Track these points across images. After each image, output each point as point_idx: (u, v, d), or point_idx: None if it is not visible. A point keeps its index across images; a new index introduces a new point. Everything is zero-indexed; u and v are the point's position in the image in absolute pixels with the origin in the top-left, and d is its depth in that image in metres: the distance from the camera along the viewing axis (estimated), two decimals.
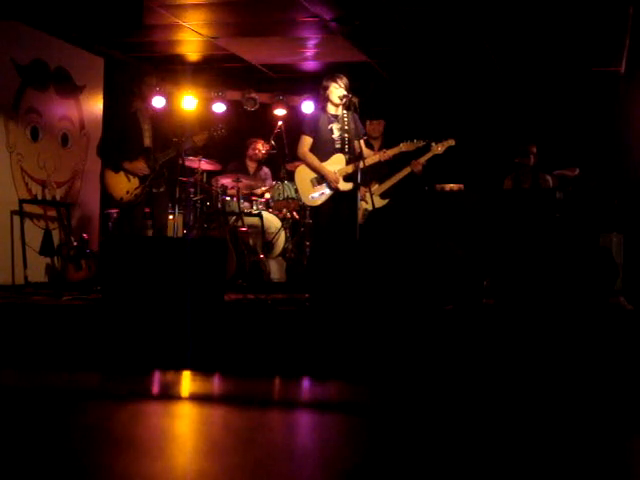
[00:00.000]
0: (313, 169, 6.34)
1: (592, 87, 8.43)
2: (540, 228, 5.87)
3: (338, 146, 6.36)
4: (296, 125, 7.53)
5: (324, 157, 6.34)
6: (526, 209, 6.10)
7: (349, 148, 6.34)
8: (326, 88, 6.31)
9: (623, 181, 7.49)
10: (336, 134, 6.36)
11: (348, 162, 6.32)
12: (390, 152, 6.50)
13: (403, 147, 6.50)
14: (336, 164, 6.33)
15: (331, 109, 6.37)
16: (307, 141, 6.37)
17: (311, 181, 6.36)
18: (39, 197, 7.44)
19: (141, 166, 6.76)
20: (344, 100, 6.25)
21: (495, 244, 5.64)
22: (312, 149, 6.36)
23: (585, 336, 4.34)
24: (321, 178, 6.33)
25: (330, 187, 6.31)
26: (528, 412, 3.43)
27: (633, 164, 7.36)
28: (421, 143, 6.54)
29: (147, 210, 7.15)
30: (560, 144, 7.98)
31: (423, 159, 6.74)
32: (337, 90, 6.26)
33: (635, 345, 4.24)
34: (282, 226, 7.68)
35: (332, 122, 6.37)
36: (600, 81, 8.38)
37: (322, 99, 6.44)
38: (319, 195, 6.36)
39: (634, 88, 7.55)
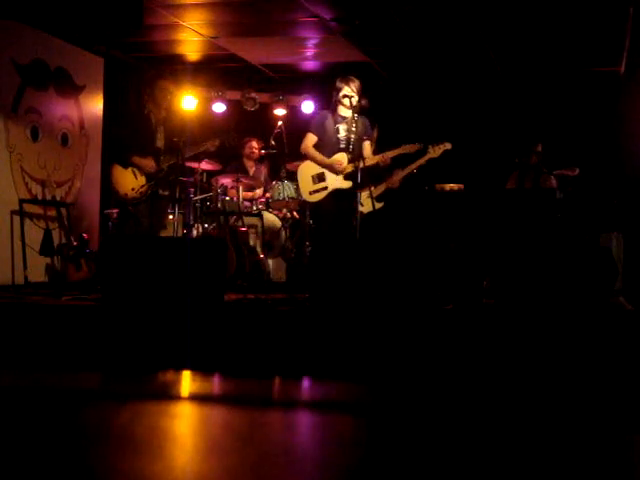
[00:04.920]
0: (316, 162, 6.39)
1: (592, 87, 8.42)
2: (540, 228, 5.87)
3: (342, 146, 6.40)
4: (296, 125, 7.53)
5: (327, 155, 6.38)
6: (526, 209, 6.09)
7: (353, 148, 6.37)
8: (339, 90, 6.33)
9: (623, 181, 7.49)
10: (342, 134, 6.40)
11: (350, 161, 6.35)
12: (390, 154, 6.50)
13: (403, 150, 6.49)
14: None
15: (342, 110, 6.40)
16: (312, 138, 6.42)
17: (312, 177, 6.40)
18: (39, 197, 7.43)
19: (150, 163, 6.83)
20: (354, 102, 6.28)
21: (495, 244, 5.63)
22: (317, 147, 6.41)
23: (585, 336, 4.33)
24: (321, 174, 6.36)
25: (337, 172, 6.32)
26: (528, 411, 3.43)
27: (633, 164, 7.35)
28: (420, 146, 6.53)
29: None
30: (560, 144, 7.97)
31: (417, 164, 6.73)
32: (348, 93, 6.29)
33: (635, 345, 4.23)
34: (282, 226, 7.68)
35: (340, 123, 6.40)
36: (600, 81, 8.38)
37: (334, 100, 6.45)
38: (318, 191, 6.38)
39: (634, 88, 7.55)
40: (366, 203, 6.44)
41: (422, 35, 7.59)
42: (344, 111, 6.40)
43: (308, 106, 9.04)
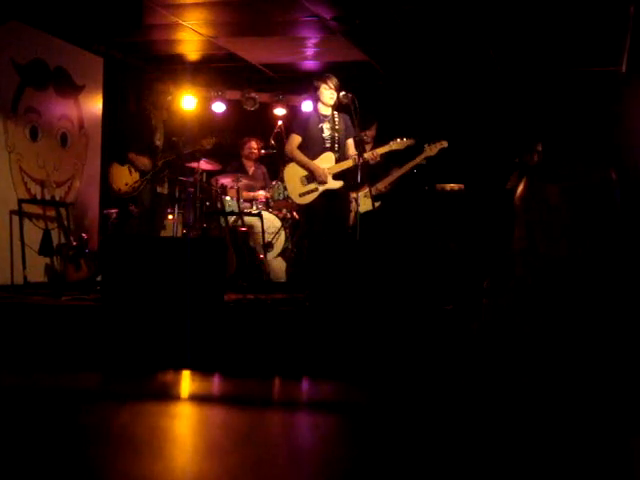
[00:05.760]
0: (302, 165, 6.37)
1: (592, 87, 8.42)
2: None
3: (328, 145, 6.39)
4: None
5: (314, 156, 6.36)
6: None
7: (339, 147, 6.37)
8: (316, 89, 6.38)
9: (623, 181, 7.47)
10: (326, 133, 6.39)
11: (337, 161, 6.34)
12: (379, 151, 6.48)
13: (393, 145, 6.46)
14: (325, 162, 6.34)
15: (322, 109, 6.41)
16: (296, 139, 6.41)
17: (300, 179, 6.38)
18: (38, 197, 7.42)
19: (145, 161, 6.94)
20: (335, 101, 6.30)
21: (495, 244, 5.63)
22: (302, 148, 6.39)
23: (585, 336, 4.32)
24: (310, 176, 6.34)
25: (318, 182, 6.31)
26: (528, 412, 3.43)
27: (633, 164, 7.35)
28: (411, 141, 6.49)
29: None
30: (560, 144, 7.97)
31: (414, 163, 6.72)
32: (327, 91, 6.31)
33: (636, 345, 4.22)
34: (282, 226, 7.68)
35: (322, 122, 6.39)
36: (600, 81, 8.38)
37: (313, 99, 6.51)
38: (308, 193, 6.37)
39: (634, 88, 7.55)
40: (363, 202, 6.43)
41: (422, 35, 7.59)
42: (324, 109, 6.41)
43: (308, 106, 9.03)
